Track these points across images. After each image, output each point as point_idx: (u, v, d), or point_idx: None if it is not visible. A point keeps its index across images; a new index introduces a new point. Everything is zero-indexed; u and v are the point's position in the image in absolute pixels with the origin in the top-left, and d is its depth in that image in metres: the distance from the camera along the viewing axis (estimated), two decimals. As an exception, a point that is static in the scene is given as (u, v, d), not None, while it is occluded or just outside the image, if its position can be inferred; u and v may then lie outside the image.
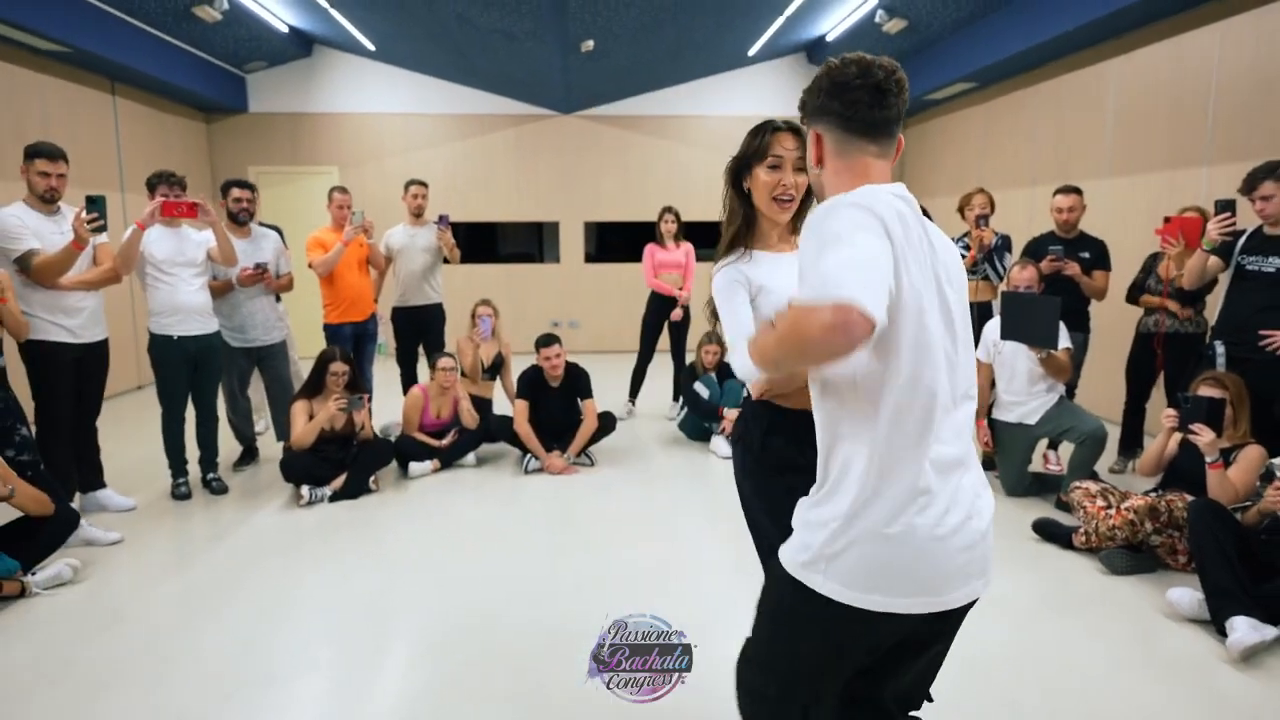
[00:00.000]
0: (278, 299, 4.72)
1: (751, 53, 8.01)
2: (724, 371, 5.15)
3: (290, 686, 2.38)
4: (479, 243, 8.94)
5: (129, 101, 7.04)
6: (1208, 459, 2.90)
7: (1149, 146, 5.17)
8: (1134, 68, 5.30)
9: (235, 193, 4.44)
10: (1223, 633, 2.52)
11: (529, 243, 9.28)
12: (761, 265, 1.69)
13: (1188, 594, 2.72)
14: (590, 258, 9.18)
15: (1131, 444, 4.42)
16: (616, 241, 9.13)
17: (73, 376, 3.71)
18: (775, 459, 1.66)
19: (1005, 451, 4.02)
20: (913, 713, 1.46)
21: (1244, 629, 2.44)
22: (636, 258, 5.65)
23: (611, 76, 7.69)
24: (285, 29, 7.58)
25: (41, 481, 3.32)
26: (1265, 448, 3.03)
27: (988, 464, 4.33)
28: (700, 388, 5.08)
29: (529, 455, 4.59)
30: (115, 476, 4.11)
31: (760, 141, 1.68)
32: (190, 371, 4.09)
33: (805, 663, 1.30)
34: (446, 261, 5.31)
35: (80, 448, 3.86)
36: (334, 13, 6.80)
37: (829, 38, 7.67)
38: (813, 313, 1.01)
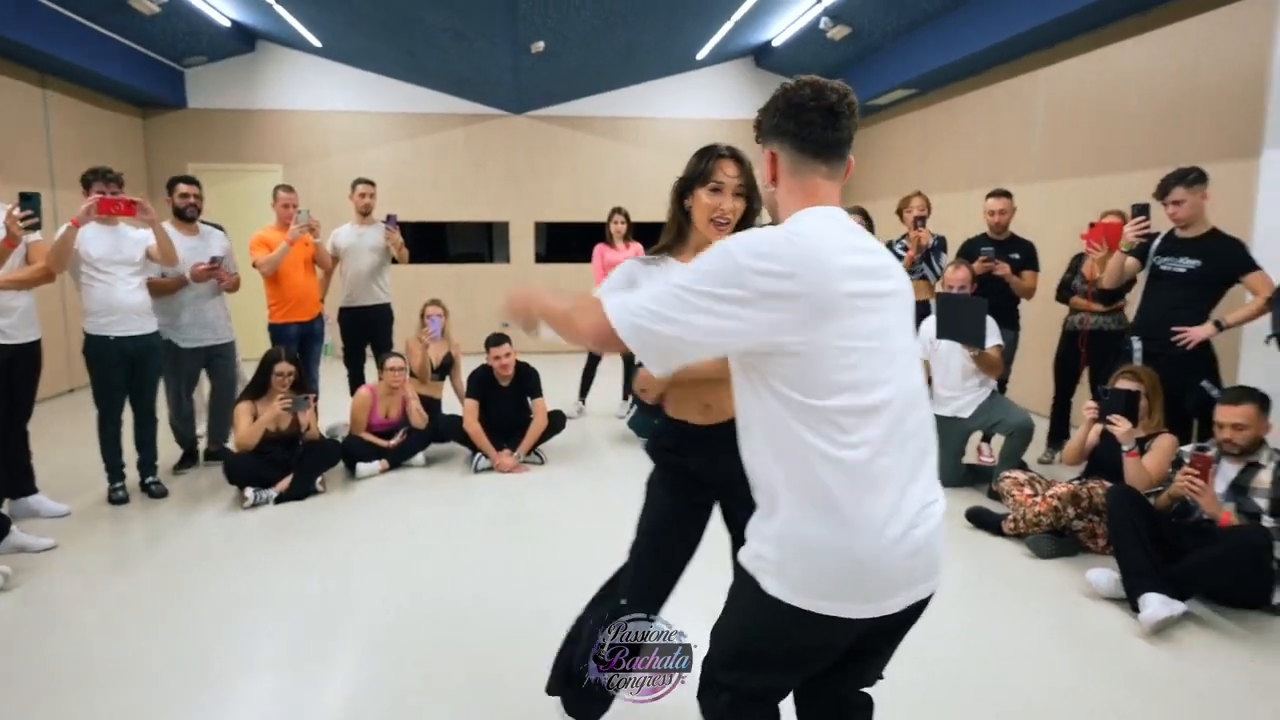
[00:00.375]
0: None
1: (700, 56, 8.13)
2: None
3: (236, 690, 2.37)
4: (428, 242, 8.87)
5: (60, 95, 6.81)
6: (1124, 448, 3.08)
7: (1074, 152, 5.42)
8: (1061, 77, 5.55)
9: (182, 188, 4.34)
10: (1136, 609, 2.69)
11: (479, 242, 9.24)
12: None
13: (1105, 574, 2.89)
14: (540, 258, 9.19)
15: (1059, 435, 4.64)
16: (567, 242, 9.16)
17: (3, 378, 3.59)
18: (670, 476, 1.85)
19: (940, 444, 4.16)
20: (864, 689, 1.54)
21: (1155, 605, 2.61)
22: (587, 258, 5.69)
23: (562, 77, 7.72)
24: (227, 23, 7.41)
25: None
26: (1176, 437, 3.23)
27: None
28: (650, 386, 5.14)
29: (478, 454, 4.60)
30: (48, 481, 3.99)
31: (704, 165, 1.76)
32: (128, 373, 3.99)
33: (767, 658, 1.35)
34: (395, 261, 5.28)
35: (10, 452, 3.74)
36: (279, 9, 6.68)
37: (775, 43, 7.83)
38: (595, 311, 1.23)
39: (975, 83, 6.57)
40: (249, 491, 4.00)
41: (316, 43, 7.82)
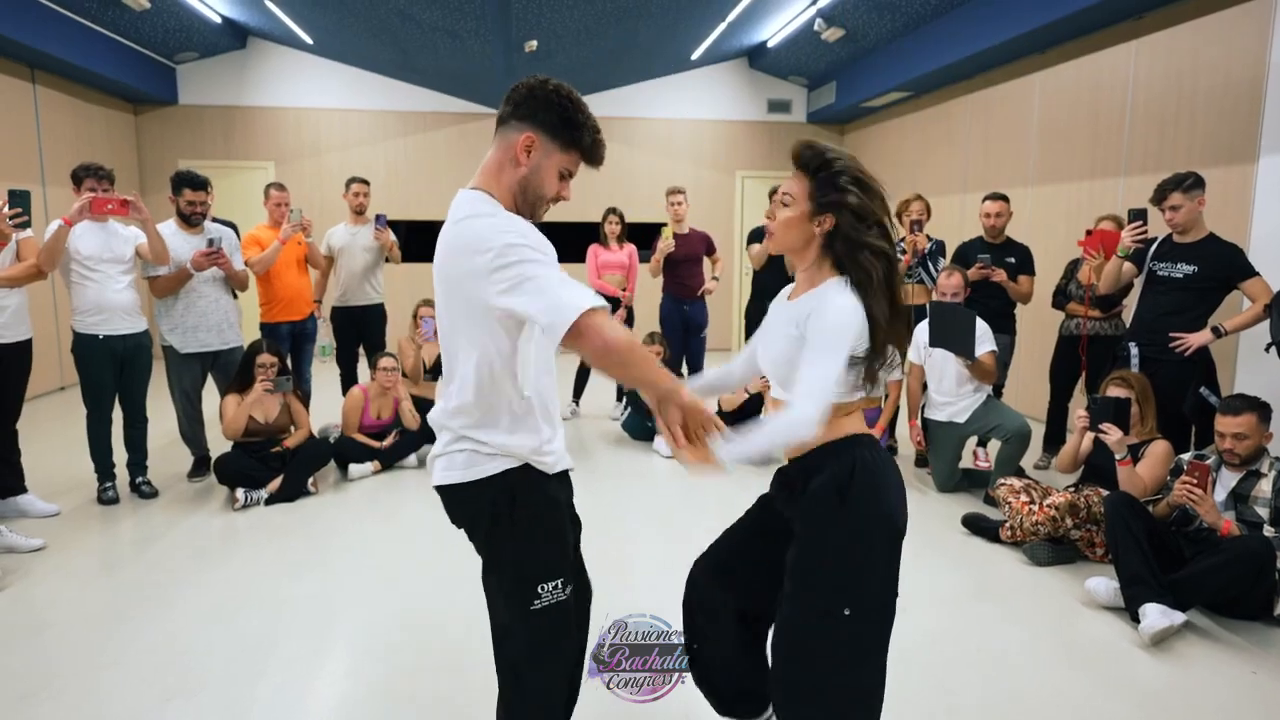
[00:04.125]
0: (235, 295, 4.50)
1: (694, 57, 8.10)
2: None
3: (226, 693, 2.33)
4: (422, 242, 8.81)
5: (51, 90, 6.73)
6: (1117, 456, 3.07)
7: (1070, 156, 5.42)
8: (1056, 81, 5.55)
9: (189, 195, 4.12)
10: (1136, 619, 2.68)
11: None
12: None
13: (1104, 583, 2.88)
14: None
15: (1055, 441, 4.64)
16: (561, 242, 9.07)
17: (-10, 377, 3.55)
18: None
19: (936, 449, 4.17)
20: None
21: (1155, 615, 2.60)
22: (581, 258, 5.66)
23: (556, 77, 7.66)
24: (218, 19, 7.34)
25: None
26: (1171, 443, 3.22)
27: (920, 461, 4.49)
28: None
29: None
30: (39, 481, 3.96)
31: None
32: (117, 372, 3.94)
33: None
34: (388, 260, 5.24)
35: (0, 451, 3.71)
36: (271, 5, 6.62)
37: (769, 44, 7.81)
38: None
39: (970, 86, 6.57)
40: (239, 492, 3.95)
41: (308, 40, 7.75)
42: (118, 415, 4.02)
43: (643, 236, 6.37)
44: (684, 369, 5.55)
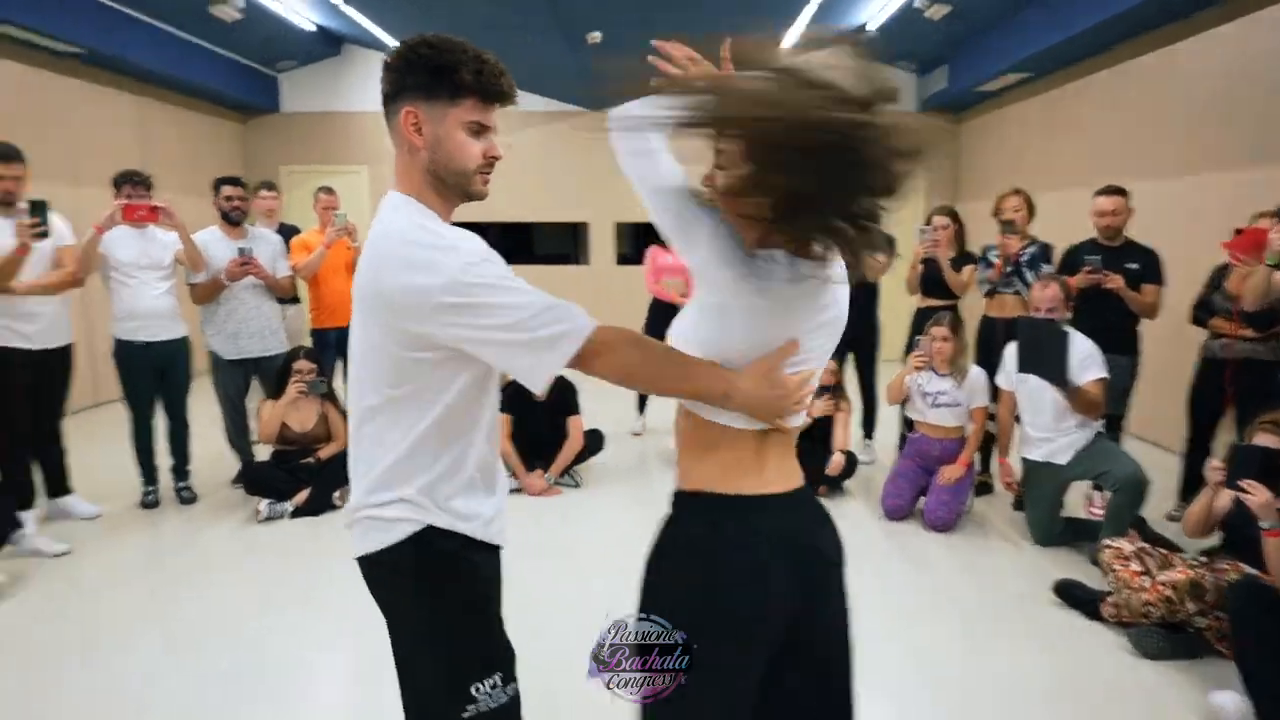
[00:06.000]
0: (284, 303, 4.46)
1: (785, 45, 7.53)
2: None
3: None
4: (511, 242, 8.81)
5: (159, 103, 7.07)
6: (1262, 524, 2.35)
7: (1222, 142, 4.50)
8: (1206, 52, 4.63)
9: (226, 190, 4.14)
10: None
11: (564, 244, 9.07)
12: None
13: (1235, 701, 2.18)
14: (626, 259, 8.87)
15: (1193, 487, 3.79)
16: (651, 242, 8.85)
17: (29, 382, 3.58)
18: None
19: (1033, 494, 3.49)
20: None
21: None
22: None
23: (632, 71, 7.34)
24: (313, 28, 7.50)
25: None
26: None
27: (1020, 504, 3.80)
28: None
29: (508, 474, 4.29)
30: (97, 484, 4.07)
31: None
32: (157, 377, 3.96)
33: None
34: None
35: (43, 454, 3.76)
36: (348, 10, 6.64)
37: (868, 27, 7.12)
38: None
39: (1099, 63, 5.66)
40: (263, 505, 3.85)
41: (394, 43, 7.78)
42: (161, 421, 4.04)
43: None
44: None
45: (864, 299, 4.49)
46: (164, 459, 4.09)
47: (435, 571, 1.27)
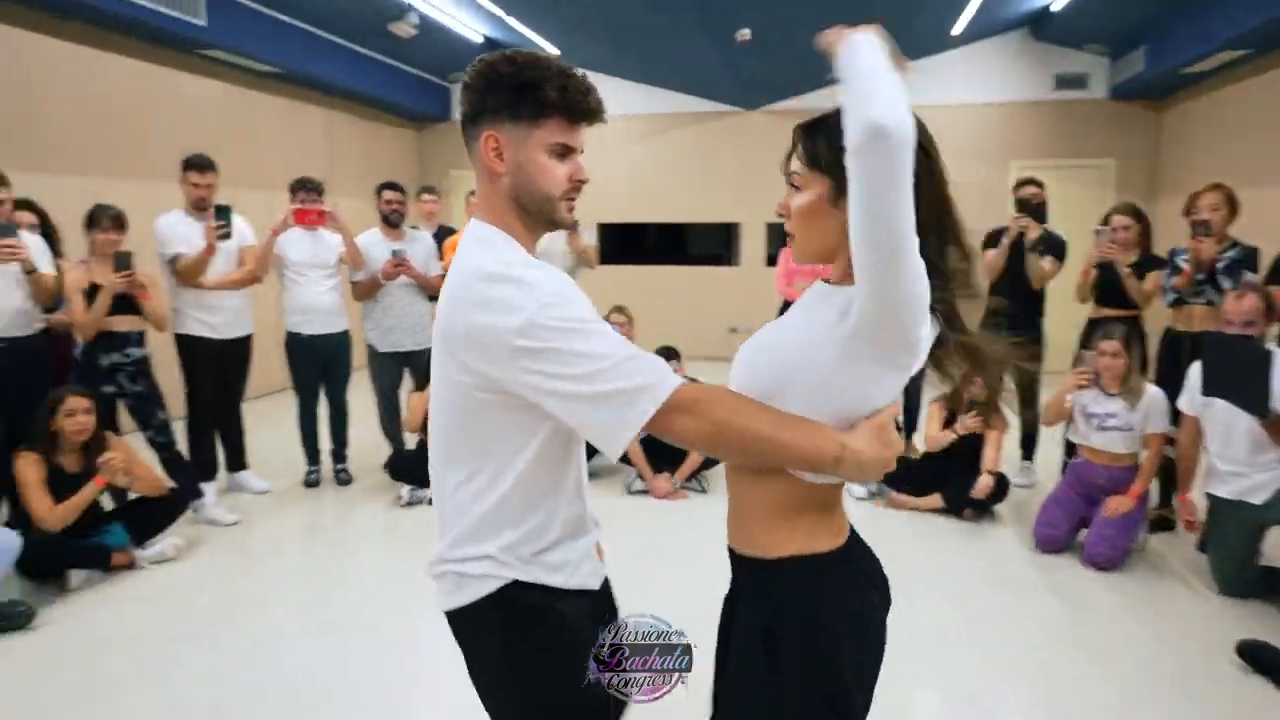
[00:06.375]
0: (435, 300, 4.76)
1: (956, 32, 7.00)
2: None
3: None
4: (667, 239, 9.07)
5: (342, 114, 7.76)
6: None
7: None
8: None
9: (387, 195, 4.45)
10: None
11: (717, 244, 9.07)
12: None
13: None
14: (774, 260, 8.68)
15: None
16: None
17: (214, 368, 4.02)
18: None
19: (1220, 535, 3.01)
20: None
21: None
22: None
23: (785, 68, 7.09)
24: (480, 39, 7.92)
25: (170, 463, 3.69)
26: None
27: (1204, 545, 3.30)
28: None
29: (635, 474, 4.30)
30: (268, 463, 4.52)
31: None
32: (320, 368, 4.33)
33: None
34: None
35: (225, 432, 4.21)
36: (509, 19, 6.95)
37: (1054, 7, 6.48)
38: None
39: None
40: (405, 490, 4.10)
41: (556, 50, 8.05)
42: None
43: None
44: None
45: (1027, 308, 4.09)
46: (325, 443, 4.46)
47: (520, 624, 1.20)
